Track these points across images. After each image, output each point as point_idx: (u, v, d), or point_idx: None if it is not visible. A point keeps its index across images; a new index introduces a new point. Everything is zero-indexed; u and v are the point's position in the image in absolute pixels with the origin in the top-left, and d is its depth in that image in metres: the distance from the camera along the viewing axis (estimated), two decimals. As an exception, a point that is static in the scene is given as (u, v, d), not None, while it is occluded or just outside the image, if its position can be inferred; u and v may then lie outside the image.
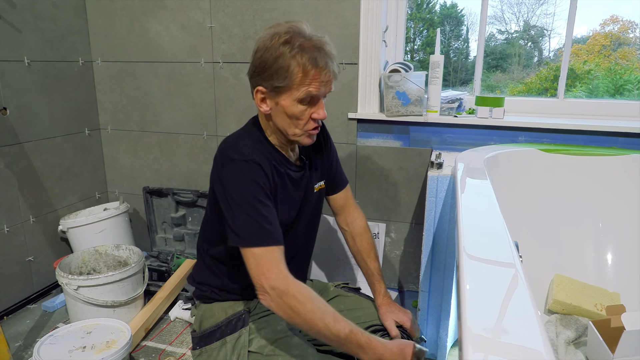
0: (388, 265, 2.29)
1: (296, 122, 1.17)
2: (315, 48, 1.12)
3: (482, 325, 0.67)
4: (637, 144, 1.86)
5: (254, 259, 1.08)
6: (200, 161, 2.45)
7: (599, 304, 1.64)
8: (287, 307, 1.03)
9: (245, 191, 1.12)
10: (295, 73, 1.10)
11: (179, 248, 2.49)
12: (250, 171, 1.13)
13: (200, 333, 1.31)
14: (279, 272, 1.06)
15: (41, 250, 2.26)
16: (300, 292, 1.03)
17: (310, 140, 1.23)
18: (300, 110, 1.15)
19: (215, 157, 1.23)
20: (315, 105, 1.17)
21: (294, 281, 1.05)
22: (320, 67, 1.11)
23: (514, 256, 0.89)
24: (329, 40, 1.16)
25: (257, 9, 2.13)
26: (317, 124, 1.20)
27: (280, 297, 1.04)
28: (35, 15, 2.11)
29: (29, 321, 2.07)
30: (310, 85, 1.12)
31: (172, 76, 2.36)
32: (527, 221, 1.82)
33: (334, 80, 1.18)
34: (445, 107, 2.03)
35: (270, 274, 1.05)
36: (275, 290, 1.04)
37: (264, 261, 1.07)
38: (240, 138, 1.23)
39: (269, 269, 1.06)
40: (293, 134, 1.20)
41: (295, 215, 1.33)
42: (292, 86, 1.12)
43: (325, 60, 1.12)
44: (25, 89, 2.10)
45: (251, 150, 1.17)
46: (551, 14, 3.32)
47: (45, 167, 2.24)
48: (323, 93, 1.16)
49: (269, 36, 1.13)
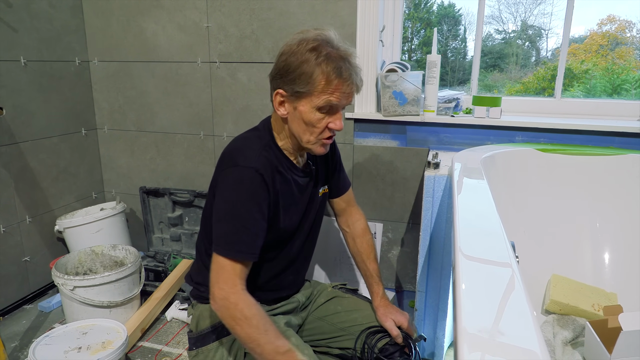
0: (385, 265, 2.29)
1: (312, 130, 1.17)
2: (341, 58, 1.12)
3: (478, 325, 0.67)
4: (635, 144, 1.86)
5: (217, 266, 1.12)
6: (197, 161, 2.44)
7: (596, 304, 1.63)
8: (231, 316, 1.08)
9: (237, 199, 1.13)
10: (319, 81, 1.11)
11: (176, 248, 2.48)
12: (249, 180, 1.14)
13: (197, 334, 1.31)
14: (233, 286, 1.10)
15: (37, 251, 2.25)
16: (249, 308, 1.07)
17: (324, 149, 1.23)
18: (317, 118, 1.15)
19: (223, 154, 1.23)
20: (333, 115, 1.17)
21: (245, 297, 1.09)
22: (344, 77, 1.12)
23: (511, 256, 0.89)
24: (355, 53, 1.17)
25: (253, 8, 2.13)
26: (332, 134, 1.20)
27: (227, 309, 1.08)
28: (32, 15, 2.11)
29: (25, 321, 2.06)
30: (331, 95, 1.12)
31: (168, 76, 2.35)
32: (524, 221, 1.82)
33: (355, 93, 1.18)
34: (442, 106, 2.03)
35: (225, 285, 1.10)
36: (225, 300, 1.08)
37: (224, 273, 1.11)
38: (249, 141, 1.23)
39: (225, 282, 1.10)
40: (307, 141, 1.19)
41: (299, 220, 1.33)
42: (313, 93, 1.12)
43: (349, 72, 1.13)
44: (22, 88, 2.09)
45: (257, 157, 1.17)
46: (548, 14, 3.32)
47: (42, 167, 2.23)
48: (343, 104, 1.17)
49: (297, 41, 1.14)
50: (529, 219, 1.83)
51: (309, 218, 1.37)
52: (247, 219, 1.13)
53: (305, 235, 1.38)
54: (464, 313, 0.70)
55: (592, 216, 1.84)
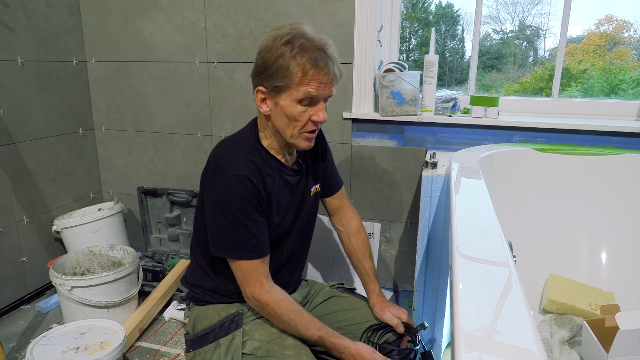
0: (383, 265, 2.29)
1: (294, 124, 1.17)
2: (316, 49, 1.12)
3: (475, 325, 0.67)
4: (632, 144, 1.86)
5: (240, 272, 1.20)
6: (194, 161, 2.44)
7: (593, 304, 1.64)
8: (268, 315, 1.22)
9: (233, 206, 1.15)
10: (295, 73, 1.11)
11: (174, 248, 2.48)
12: (239, 186, 1.14)
13: (194, 335, 1.31)
14: (261, 286, 1.19)
15: (35, 251, 2.25)
16: (278, 307, 1.19)
17: (308, 143, 1.22)
18: (299, 111, 1.15)
19: (209, 160, 1.23)
20: (314, 107, 1.17)
21: (274, 296, 1.19)
22: (320, 67, 1.11)
23: (508, 256, 0.89)
24: (332, 43, 1.16)
25: (251, 8, 2.13)
26: (315, 127, 1.20)
27: (261, 308, 1.21)
28: (29, 15, 2.10)
29: (22, 322, 2.05)
30: (309, 86, 1.12)
31: (166, 76, 2.35)
32: (522, 221, 1.82)
33: (335, 82, 1.18)
34: (440, 106, 2.03)
35: (254, 287, 1.19)
36: (257, 301, 1.20)
37: (250, 275, 1.19)
38: (235, 146, 1.23)
39: (253, 283, 1.19)
40: (291, 136, 1.19)
41: (292, 219, 1.33)
42: (291, 86, 1.12)
43: (325, 61, 1.12)
44: (19, 88, 2.09)
45: (243, 163, 1.17)
46: (546, 14, 3.32)
47: (39, 167, 2.23)
48: (323, 95, 1.16)
49: (272, 38, 1.14)
50: (526, 218, 1.84)
51: (302, 217, 1.36)
52: (247, 223, 1.16)
53: (299, 234, 1.38)
54: (462, 312, 0.70)
55: (590, 215, 1.84)
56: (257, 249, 1.18)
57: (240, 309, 1.30)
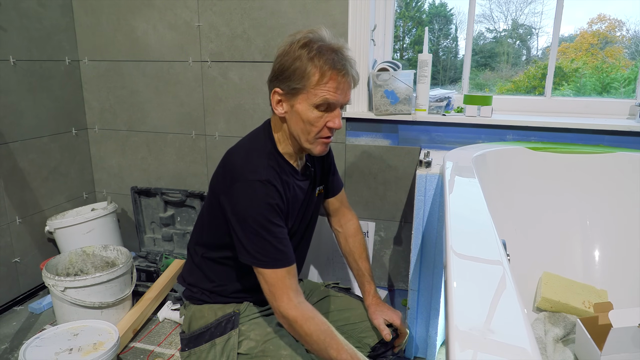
0: (377, 263, 2.29)
1: (310, 129, 1.16)
2: (333, 51, 1.12)
3: (469, 323, 0.67)
4: (624, 142, 1.87)
5: (266, 283, 1.14)
6: (188, 161, 2.43)
7: (586, 302, 1.65)
8: (296, 334, 1.13)
9: (258, 213, 1.12)
10: (312, 74, 1.10)
11: (168, 248, 2.47)
12: (264, 193, 1.12)
13: (189, 334, 1.30)
14: (289, 301, 1.11)
15: (28, 252, 2.23)
16: (307, 325, 1.10)
17: (324, 148, 1.21)
18: (315, 116, 1.14)
19: (225, 167, 1.21)
20: (331, 113, 1.16)
21: (302, 312, 1.11)
22: (338, 68, 1.11)
23: (502, 254, 0.90)
24: (348, 47, 1.16)
25: (245, 7, 2.12)
26: (331, 133, 1.19)
27: (290, 325, 1.12)
28: (21, 14, 2.09)
29: (15, 323, 2.04)
30: (327, 90, 1.11)
31: (159, 75, 2.34)
32: (515, 219, 1.83)
33: (353, 86, 1.17)
34: (434, 105, 2.03)
35: (281, 301, 1.11)
36: (286, 319, 1.12)
37: (276, 288, 1.12)
38: (253, 152, 1.21)
39: (280, 297, 1.12)
40: (306, 140, 1.18)
41: (299, 222, 1.34)
42: (308, 88, 1.11)
43: (343, 63, 1.12)
44: (11, 88, 2.08)
45: (265, 169, 1.16)
46: (539, 13, 3.34)
47: (32, 167, 2.22)
48: (340, 102, 1.15)
49: (288, 43, 1.14)
50: (519, 217, 1.85)
51: (306, 219, 1.37)
52: (273, 230, 1.13)
53: (301, 236, 1.38)
54: (456, 311, 0.70)
55: (582, 214, 1.85)
56: (282, 256, 1.13)
57: (236, 308, 1.30)
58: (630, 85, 2.79)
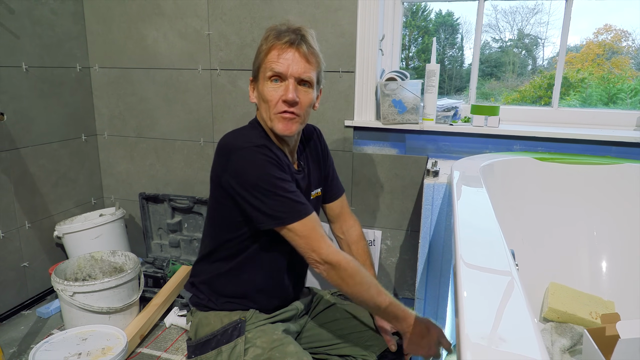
0: (384, 272, 2.30)
1: (268, 105, 1.19)
2: (286, 29, 1.17)
3: (480, 333, 0.68)
4: (631, 153, 1.88)
5: (298, 237, 1.14)
6: (196, 167, 2.45)
7: (593, 312, 1.65)
8: (338, 279, 1.13)
9: (265, 173, 1.13)
10: (263, 50, 1.17)
11: (175, 254, 2.48)
12: (262, 154, 1.14)
13: (196, 342, 1.31)
14: (327, 247, 1.13)
15: (36, 256, 2.25)
16: (350, 267, 1.12)
17: (283, 125, 1.19)
18: (268, 89, 1.17)
19: (218, 151, 1.21)
20: (283, 85, 1.17)
21: (344, 256, 1.14)
22: (281, 38, 1.15)
23: (511, 264, 0.90)
24: (310, 29, 1.20)
25: (254, 17, 2.15)
26: (288, 107, 1.18)
27: (332, 270, 1.13)
28: (34, 21, 2.12)
29: (23, 327, 2.05)
30: (272, 61, 1.15)
31: (169, 83, 2.36)
32: (523, 229, 1.83)
33: (307, 61, 1.18)
34: (441, 115, 2.04)
35: (320, 249, 1.12)
36: (328, 264, 1.12)
37: (311, 238, 1.13)
38: (243, 130, 1.26)
39: (319, 245, 1.13)
40: (268, 119, 1.20)
41: None
42: (261, 64, 1.17)
43: (290, 37, 1.15)
44: (23, 94, 2.10)
45: (258, 138, 1.19)
46: (545, 23, 3.35)
47: (42, 172, 2.24)
48: (291, 72, 1.16)
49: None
50: (527, 227, 1.85)
51: None
52: (285, 186, 1.14)
53: None
54: (467, 321, 0.71)
55: (590, 224, 1.85)
56: (303, 207, 1.14)
57: (243, 316, 1.30)
58: (637, 96, 2.79)
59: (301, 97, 1.19)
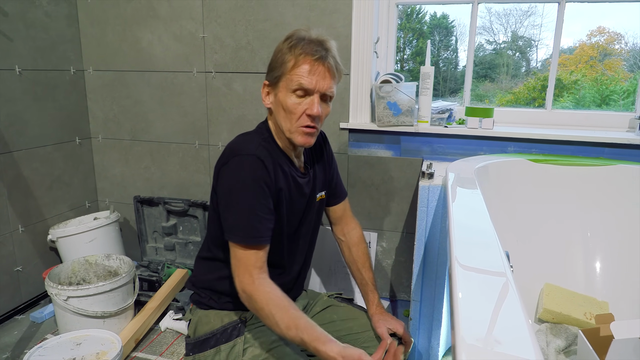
0: (380, 274, 2.30)
1: (290, 116, 1.18)
2: (312, 41, 1.16)
3: (476, 335, 0.68)
4: (624, 154, 1.89)
5: (234, 257, 1.16)
6: (191, 170, 2.44)
7: (588, 313, 1.65)
8: (251, 308, 1.14)
9: (241, 184, 1.14)
10: (289, 60, 1.15)
11: (170, 257, 2.47)
12: (249, 165, 1.14)
13: (195, 339, 1.31)
14: (249, 277, 1.13)
15: (30, 260, 2.24)
16: (261, 299, 1.10)
17: (304, 139, 1.21)
18: (293, 102, 1.16)
19: (222, 152, 1.24)
20: (309, 100, 1.17)
21: (259, 287, 1.12)
22: (312, 54, 1.14)
23: (505, 266, 0.90)
24: (332, 40, 1.20)
25: (249, 19, 2.15)
26: (311, 122, 1.19)
27: (248, 302, 1.13)
28: (27, 24, 2.11)
29: (16, 332, 2.04)
30: (301, 75, 1.14)
31: (164, 85, 2.36)
32: (517, 231, 1.84)
33: (332, 77, 1.18)
34: (436, 117, 2.05)
35: (243, 277, 1.13)
36: (244, 292, 1.13)
37: (241, 264, 1.14)
38: (248, 135, 1.26)
39: (243, 273, 1.14)
40: (288, 130, 1.20)
41: (298, 223, 1.34)
42: (285, 74, 1.16)
43: (320, 52, 1.14)
44: (16, 97, 2.09)
45: (256, 147, 1.19)
46: (538, 25, 3.37)
47: (35, 176, 2.23)
48: (317, 88, 1.16)
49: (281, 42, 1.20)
50: (521, 228, 1.85)
51: (308, 222, 1.37)
52: (252, 203, 1.14)
53: (304, 242, 1.39)
54: (462, 322, 0.71)
55: (584, 225, 1.86)
56: (257, 234, 1.14)
57: (243, 316, 1.30)
58: (630, 97, 2.81)
59: (322, 110, 1.20)
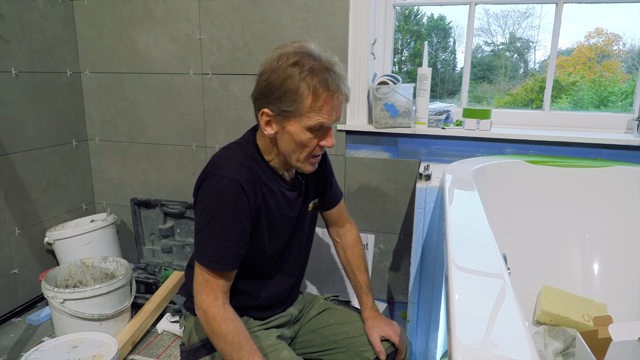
0: (377, 276, 2.29)
1: (303, 149, 1.14)
2: (325, 70, 1.07)
3: (472, 337, 0.68)
4: (622, 156, 1.89)
5: (199, 277, 1.14)
6: (188, 172, 2.44)
7: (586, 315, 1.65)
8: (209, 331, 1.12)
9: (215, 209, 1.11)
10: (305, 96, 1.06)
11: (167, 260, 2.47)
12: (226, 189, 1.10)
13: (189, 347, 1.30)
14: (215, 298, 1.12)
15: (26, 263, 2.23)
16: (226, 325, 1.09)
17: (312, 168, 1.20)
18: (308, 137, 1.12)
19: (207, 164, 1.20)
20: (324, 134, 1.15)
21: (224, 313, 1.11)
22: (332, 90, 1.07)
23: (502, 268, 0.90)
24: (338, 61, 1.12)
25: (246, 21, 2.14)
26: (322, 151, 1.18)
27: (206, 321, 1.12)
28: (23, 26, 2.10)
29: (13, 335, 2.03)
30: (322, 114, 1.08)
31: (160, 87, 2.35)
32: (515, 232, 1.83)
33: (344, 102, 1.14)
34: (433, 119, 2.05)
35: (207, 297, 1.12)
36: (205, 313, 1.11)
37: (207, 284, 1.13)
38: (232, 151, 1.20)
39: (208, 293, 1.12)
40: (297, 160, 1.17)
41: (289, 236, 1.32)
42: (301, 111, 1.08)
43: (337, 83, 1.08)
44: (13, 99, 2.09)
45: (237, 168, 1.13)
46: (536, 27, 3.37)
47: (32, 178, 2.22)
48: (334, 121, 1.13)
49: (276, 57, 1.09)
50: (519, 230, 1.85)
51: (300, 233, 1.35)
52: (224, 230, 1.11)
53: (299, 251, 1.38)
54: (458, 325, 0.71)
55: (582, 227, 1.86)
56: (223, 260, 1.11)
57: None
58: (628, 99, 2.81)
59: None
